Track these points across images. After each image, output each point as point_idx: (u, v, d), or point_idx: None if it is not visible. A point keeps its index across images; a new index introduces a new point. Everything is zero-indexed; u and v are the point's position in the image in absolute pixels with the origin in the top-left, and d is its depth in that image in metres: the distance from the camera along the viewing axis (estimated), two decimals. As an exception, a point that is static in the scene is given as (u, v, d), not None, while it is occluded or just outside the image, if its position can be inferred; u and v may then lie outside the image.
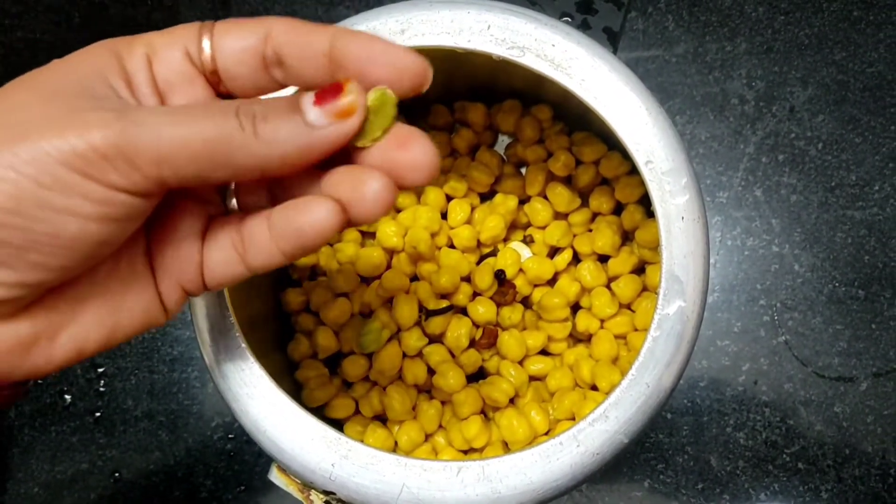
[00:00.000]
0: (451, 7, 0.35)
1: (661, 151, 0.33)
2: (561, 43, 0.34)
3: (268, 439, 0.34)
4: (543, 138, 0.45)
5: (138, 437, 0.50)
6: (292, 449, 0.33)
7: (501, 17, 0.34)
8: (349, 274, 0.44)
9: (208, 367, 0.35)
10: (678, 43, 0.51)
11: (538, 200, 0.44)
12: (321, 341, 0.43)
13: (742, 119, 0.52)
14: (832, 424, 0.48)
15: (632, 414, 0.32)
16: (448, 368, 0.41)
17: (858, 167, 0.51)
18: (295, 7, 0.54)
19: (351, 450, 0.33)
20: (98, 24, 0.54)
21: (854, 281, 0.50)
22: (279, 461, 0.34)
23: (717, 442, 0.48)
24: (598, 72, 0.34)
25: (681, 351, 0.32)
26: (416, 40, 0.35)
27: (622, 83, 0.33)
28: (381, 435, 0.41)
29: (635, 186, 0.42)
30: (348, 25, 0.35)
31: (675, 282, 0.32)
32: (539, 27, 0.34)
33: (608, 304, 0.42)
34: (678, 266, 0.32)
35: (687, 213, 0.33)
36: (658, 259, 0.41)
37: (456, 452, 0.41)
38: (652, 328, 0.32)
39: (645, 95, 0.33)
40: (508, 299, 0.43)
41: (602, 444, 0.32)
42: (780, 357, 0.49)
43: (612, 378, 0.40)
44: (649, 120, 0.33)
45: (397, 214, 0.44)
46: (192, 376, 0.50)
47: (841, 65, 0.52)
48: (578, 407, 0.40)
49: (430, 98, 0.46)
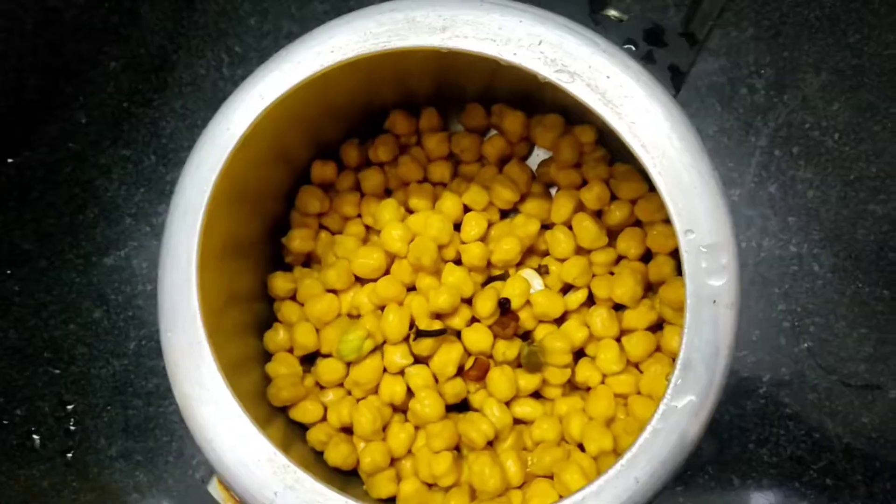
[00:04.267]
0: (503, 11, 0.31)
1: (705, 222, 0.29)
2: (617, 76, 0.30)
3: (212, 450, 0.31)
4: (581, 163, 0.41)
5: (114, 479, 0.47)
6: (236, 466, 0.31)
7: (556, 33, 0.30)
8: (343, 270, 0.40)
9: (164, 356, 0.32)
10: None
11: (562, 230, 0.41)
12: (300, 338, 0.40)
13: (752, 110, 0.48)
14: (861, 436, 0.45)
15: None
16: (428, 395, 0.38)
17: (878, 158, 0.47)
18: (266, 4, 0.50)
19: (298, 480, 0.30)
20: (52, 30, 0.50)
21: (878, 280, 0.46)
22: (220, 476, 0.31)
23: (740, 460, 0.45)
24: (651, 117, 0.29)
25: (682, 450, 0.28)
26: (457, 42, 0.31)
27: (676, 137, 0.29)
28: (343, 450, 0.38)
29: (670, 237, 0.38)
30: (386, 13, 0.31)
31: (691, 372, 0.28)
32: (596, 53, 0.30)
33: (615, 359, 0.38)
34: (698, 356, 0.28)
35: (721, 297, 0.29)
36: (680, 322, 0.38)
37: (419, 484, 0.38)
38: (654, 419, 0.28)
39: (700, 156, 0.29)
40: (508, 333, 0.39)
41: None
42: (803, 366, 0.46)
43: (603, 443, 0.36)
44: (699, 184, 0.29)
45: (407, 216, 0.41)
46: (169, 410, 0.47)
47: (855, 48, 0.48)
48: (559, 467, 0.36)
49: (468, 95, 0.42)
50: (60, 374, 0.47)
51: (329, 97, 0.37)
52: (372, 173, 0.42)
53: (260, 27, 0.50)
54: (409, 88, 0.41)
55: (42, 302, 0.48)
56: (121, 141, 0.49)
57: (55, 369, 0.48)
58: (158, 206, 0.48)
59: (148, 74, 0.50)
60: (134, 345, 0.47)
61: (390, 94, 0.41)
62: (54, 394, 0.47)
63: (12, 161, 0.49)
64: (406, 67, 0.37)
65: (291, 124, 0.37)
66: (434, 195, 0.42)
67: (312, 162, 0.42)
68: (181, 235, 0.32)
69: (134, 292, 0.48)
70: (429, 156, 0.43)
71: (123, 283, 0.48)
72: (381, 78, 0.38)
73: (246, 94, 0.33)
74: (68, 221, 0.49)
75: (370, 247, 0.40)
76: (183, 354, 0.31)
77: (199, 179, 0.32)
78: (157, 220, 0.48)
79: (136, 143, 0.49)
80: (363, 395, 0.40)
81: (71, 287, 0.48)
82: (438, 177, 0.42)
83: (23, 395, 0.47)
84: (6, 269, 0.49)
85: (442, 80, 0.40)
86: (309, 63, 0.32)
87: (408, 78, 0.40)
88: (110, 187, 0.49)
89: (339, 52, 0.32)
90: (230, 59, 0.49)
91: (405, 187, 0.43)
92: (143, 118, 0.49)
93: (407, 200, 0.42)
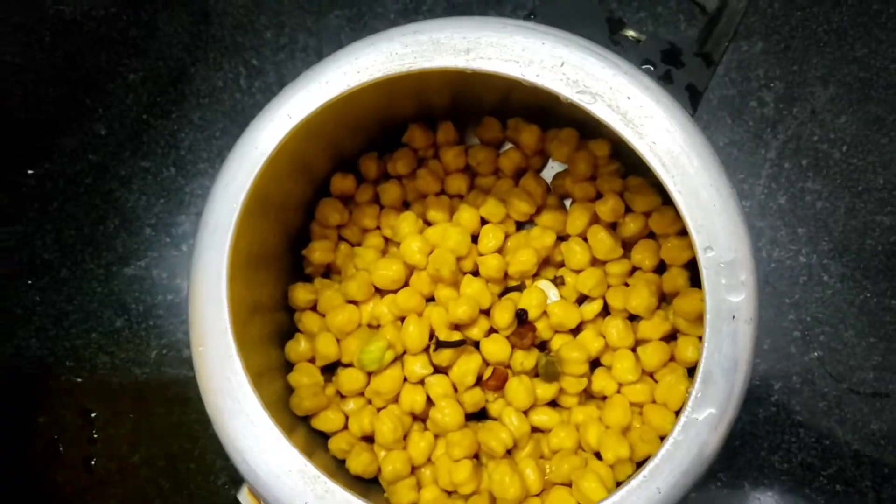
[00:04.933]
0: (526, 34, 0.31)
1: (724, 239, 0.30)
2: (638, 97, 0.30)
3: (243, 461, 0.32)
4: (596, 175, 0.42)
5: (137, 486, 0.48)
6: (267, 477, 0.31)
7: (578, 55, 0.31)
8: (364, 282, 0.41)
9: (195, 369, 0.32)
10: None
11: (577, 242, 0.41)
12: (321, 348, 0.40)
13: (762, 122, 0.49)
14: (870, 443, 0.46)
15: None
16: (448, 405, 0.39)
17: (885, 169, 0.48)
18: (282, 18, 0.51)
19: (328, 490, 0.31)
20: (71, 42, 0.51)
21: (886, 290, 0.47)
22: (252, 486, 0.32)
23: (751, 466, 0.46)
24: (671, 137, 0.30)
25: (703, 461, 0.29)
26: (481, 63, 0.32)
27: (695, 155, 0.30)
28: (364, 459, 0.39)
29: (684, 249, 0.39)
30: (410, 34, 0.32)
31: (712, 386, 0.29)
32: (617, 74, 0.31)
33: (630, 369, 0.39)
34: (717, 370, 0.29)
35: (740, 312, 0.29)
36: (694, 332, 0.39)
37: (439, 492, 0.39)
38: (675, 431, 0.29)
39: (718, 174, 0.30)
40: (526, 343, 0.40)
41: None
42: (813, 374, 0.47)
43: (619, 451, 0.37)
44: (718, 202, 0.30)
45: (426, 228, 0.42)
46: (191, 418, 0.48)
47: (862, 61, 0.49)
48: (578, 475, 0.37)
49: (484, 108, 0.43)
50: (82, 383, 0.48)
51: (350, 112, 0.38)
52: (391, 186, 0.43)
53: (276, 40, 0.50)
54: (427, 103, 0.42)
55: (63, 311, 0.49)
56: (140, 152, 0.50)
57: (77, 378, 0.48)
58: (178, 217, 0.49)
59: (166, 87, 0.50)
60: (155, 353, 0.48)
61: (409, 109, 0.42)
62: (77, 402, 0.48)
63: (33, 172, 0.50)
64: (426, 84, 0.38)
65: (313, 139, 0.37)
66: (451, 207, 0.43)
67: (332, 175, 0.43)
68: (211, 253, 0.33)
69: (154, 301, 0.49)
70: (446, 169, 0.43)
71: (144, 293, 0.49)
72: (401, 94, 0.39)
73: (273, 113, 0.33)
74: (89, 232, 0.49)
75: (390, 258, 0.41)
76: (214, 368, 0.32)
77: (228, 197, 0.33)
78: (177, 231, 0.49)
79: (155, 154, 0.50)
80: (384, 405, 0.40)
81: (92, 297, 0.49)
82: (455, 189, 0.43)
83: (46, 404, 0.48)
84: (28, 278, 0.49)
85: (459, 95, 0.41)
86: (336, 83, 0.33)
87: (427, 93, 0.40)
88: (130, 198, 0.50)
89: (364, 72, 0.33)
90: (247, 71, 0.50)
91: (423, 200, 0.43)
92: (161, 130, 0.50)
93: (425, 213, 0.43)
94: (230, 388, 0.32)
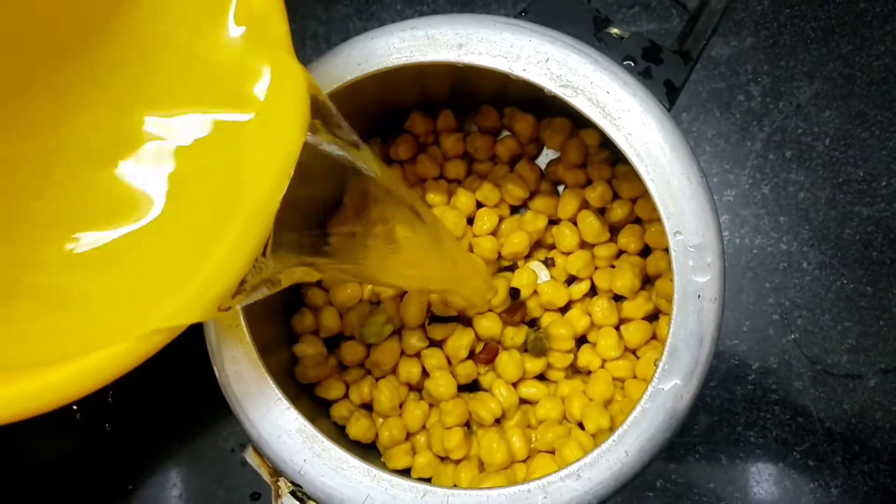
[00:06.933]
0: (514, 31, 0.34)
1: (693, 224, 0.32)
2: (616, 91, 0.33)
3: (248, 420, 0.34)
4: (586, 163, 0.44)
5: (148, 450, 0.50)
6: (269, 435, 0.34)
7: (562, 52, 0.33)
8: (365, 260, 0.44)
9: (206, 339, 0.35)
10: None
11: (567, 226, 0.44)
12: (325, 321, 0.43)
13: (748, 115, 0.51)
14: (841, 421, 0.48)
15: (605, 478, 0.32)
16: (442, 376, 0.41)
17: (865, 162, 0.50)
18: (294, 5, 0.52)
19: (325, 449, 0.33)
20: None
21: (862, 277, 0.49)
22: (255, 444, 0.34)
23: (728, 441, 0.49)
24: (646, 129, 0.32)
25: (668, 427, 0.32)
26: (472, 58, 0.34)
27: (668, 147, 0.32)
28: (363, 425, 0.41)
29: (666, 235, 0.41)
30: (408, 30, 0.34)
31: (677, 359, 0.32)
32: (597, 70, 0.33)
33: (614, 346, 0.42)
34: (683, 345, 0.32)
35: (705, 292, 0.32)
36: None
37: (432, 457, 0.42)
38: (643, 399, 0.32)
39: (690, 163, 0.32)
40: (517, 319, 0.43)
41: (569, 502, 0.32)
42: (790, 356, 0.49)
43: (601, 422, 0.39)
44: (688, 190, 0.32)
45: (425, 210, 0.44)
46: (199, 387, 0.51)
47: (847, 58, 0.51)
48: (561, 443, 0.39)
49: (482, 98, 0.45)
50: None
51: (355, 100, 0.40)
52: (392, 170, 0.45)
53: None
54: (427, 92, 0.44)
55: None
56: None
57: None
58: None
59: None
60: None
61: (410, 98, 0.44)
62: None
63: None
64: (426, 76, 0.40)
65: (319, 126, 0.40)
66: (449, 191, 0.45)
67: (337, 159, 0.45)
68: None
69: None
70: (445, 154, 0.46)
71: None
72: (403, 84, 0.41)
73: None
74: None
75: (390, 239, 0.44)
76: (223, 337, 0.35)
77: (238, 178, 0.35)
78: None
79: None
80: (382, 375, 0.43)
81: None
82: (454, 174, 0.45)
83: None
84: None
85: (457, 86, 0.43)
86: (338, 73, 0.35)
87: (427, 83, 0.43)
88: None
89: (365, 64, 0.35)
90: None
91: (422, 183, 0.46)
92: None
93: (424, 196, 0.45)
94: (237, 355, 0.34)
